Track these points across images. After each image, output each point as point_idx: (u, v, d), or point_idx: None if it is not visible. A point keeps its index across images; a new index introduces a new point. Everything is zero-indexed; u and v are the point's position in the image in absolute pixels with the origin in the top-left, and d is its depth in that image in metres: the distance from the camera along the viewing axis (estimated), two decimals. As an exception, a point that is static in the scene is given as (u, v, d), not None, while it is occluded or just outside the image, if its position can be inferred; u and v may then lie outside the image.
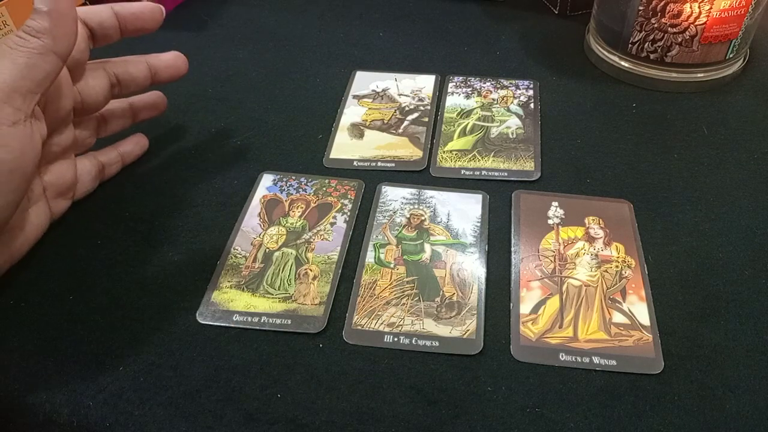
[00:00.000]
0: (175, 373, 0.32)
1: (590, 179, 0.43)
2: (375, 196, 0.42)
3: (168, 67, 0.41)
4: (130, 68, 0.39)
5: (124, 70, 0.39)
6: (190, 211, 0.41)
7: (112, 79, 0.39)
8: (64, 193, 0.38)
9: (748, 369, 0.32)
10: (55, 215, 0.38)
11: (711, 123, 0.47)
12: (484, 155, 0.45)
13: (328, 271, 0.37)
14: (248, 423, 0.30)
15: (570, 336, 0.33)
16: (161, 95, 0.44)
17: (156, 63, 0.40)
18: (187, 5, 0.63)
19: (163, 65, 0.41)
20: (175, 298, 0.35)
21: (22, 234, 0.34)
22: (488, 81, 0.52)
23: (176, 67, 0.41)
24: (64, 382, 0.31)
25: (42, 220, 0.36)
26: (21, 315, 0.35)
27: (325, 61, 0.55)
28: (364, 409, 0.30)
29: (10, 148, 0.29)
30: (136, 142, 0.44)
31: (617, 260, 0.37)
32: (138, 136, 0.44)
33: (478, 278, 0.36)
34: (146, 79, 0.40)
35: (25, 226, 0.34)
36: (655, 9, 0.46)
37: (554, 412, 0.30)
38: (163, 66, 0.41)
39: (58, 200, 0.37)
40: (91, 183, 0.40)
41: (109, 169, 0.42)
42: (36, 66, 0.29)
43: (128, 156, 0.43)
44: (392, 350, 0.33)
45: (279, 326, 0.34)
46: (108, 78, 0.38)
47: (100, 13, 0.36)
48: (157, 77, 0.41)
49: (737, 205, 0.41)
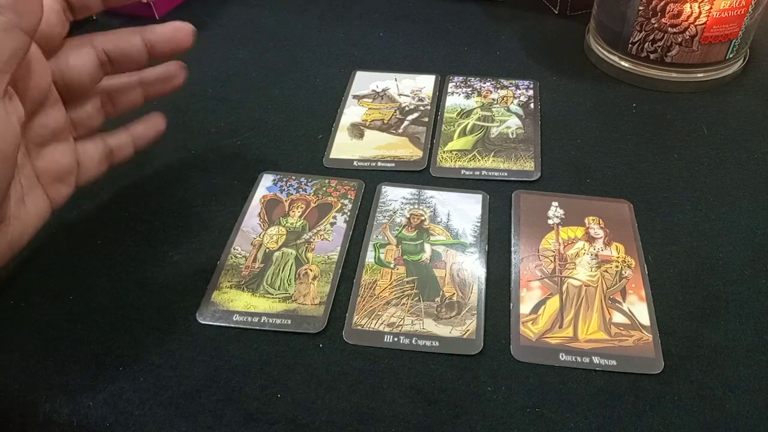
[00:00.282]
0: (175, 373, 0.32)
1: (590, 179, 0.43)
2: (375, 196, 0.42)
3: (166, 41, 0.36)
4: (120, 43, 0.35)
5: (114, 45, 0.35)
6: (190, 211, 0.41)
7: (101, 55, 0.35)
8: (62, 179, 0.35)
9: (748, 369, 0.32)
10: (56, 203, 0.35)
11: (711, 123, 0.47)
12: (484, 155, 0.45)
13: (328, 271, 0.37)
14: (248, 423, 0.30)
15: (570, 336, 0.33)
16: (180, 65, 0.39)
17: (152, 36, 0.36)
18: (187, 5, 0.63)
19: (161, 39, 0.36)
20: (175, 298, 0.35)
21: (19, 223, 0.32)
22: (488, 81, 0.52)
23: (176, 40, 0.37)
24: (64, 382, 0.31)
25: (41, 209, 0.33)
26: (21, 315, 0.35)
27: (325, 61, 0.55)
28: (364, 409, 0.30)
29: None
30: (150, 122, 0.40)
31: (617, 260, 0.37)
32: (154, 116, 0.40)
33: (478, 278, 0.36)
34: (141, 55, 0.36)
35: (21, 215, 0.32)
36: (655, 9, 0.46)
37: (554, 412, 0.30)
38: (160, 40, 0.36)
39: (56, 186, 0.34)
40: (97, 168, 0.37)
41: (119, 153, 0.38)
42: (1, 43, 0.27)
43: (141, 139, 0.39)
44: (392, 350, 0.33)
45: (279, 326, 0.34)
46: (95, 54, 0.34)
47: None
48: (154, 52, 0.36)
49: (737, 205, 0.41)
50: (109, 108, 0.38)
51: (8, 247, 0.31)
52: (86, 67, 0.34)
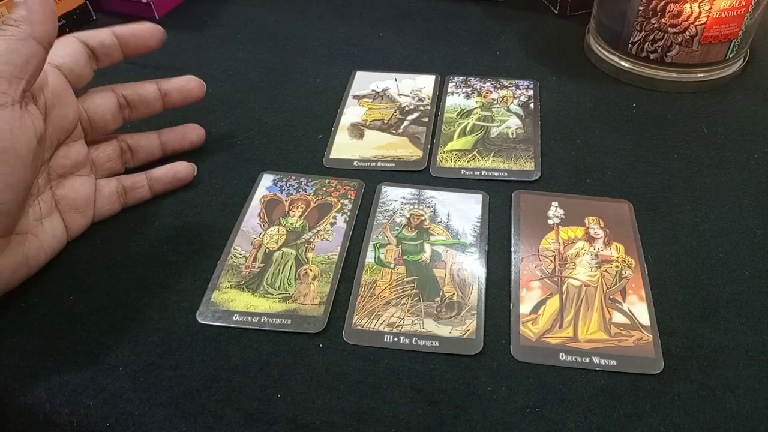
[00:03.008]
0: (175, 373, 0.32)
1: (590, 179, 0.43)
2: (375, 196, 0.42)
3: (179, 90, 0.42)
4: (138, 89, 0.40)
5: (132, 91, 0.40)
6: (190, 211, 0.41)
7: (121, 99, 0.40)
8: (79, 209, 0.38)
9: (748, 369, 0.32)
10: (72, 233, 0.38)
11: (711, 123, 0.47)
12: (484, 155, 0.45)
13: (328, 271, 0.37)
14: (248, 423, 0.30)
15: (570, 336, 0.33)
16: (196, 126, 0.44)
17: (166, 86, 0.41)
18: (187, 5, 0.63)
19: (174, 87, 0.42)
20: (175, 298, 0.35)
21: (36, 241, 0.35)
22: (488, 81, 0.52)
23: (188, 89, 0.42)
24: (64, 382, 0.31)
25: (58, 233, 0.37)
26: (21, 315, 0.35)
27: (325, 61, 0.55)
28: (364, 409, 0.30)
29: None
30: (172, 168, 0.42)
31: (617, 260, 0.37)
32: (179, 164, 0.42)
33: (478, 278, 0.36)
34: (157, 100, 0.41)
35: (39, 234, 0.35)
36: (655, 9, 0.46)
37: (554, 412, 0.30)
38: (173, 88, 0.42)
39: (73, 215, 0.38)
40: (110, 204, 0.39)
41: (133, 193, 0.40)
42: (16, 51, 0.31)
43: (158, 182, 0.41)
44: (392, 350, 0.33)
45: (279, 326, 0.34)
46: (116, 98, 0.40)
47: (100, 34, 0.38)
48: (168, 99, 0.42)
49: (737, 205, 0.41)
50: (128, 158, 0.42)
51: (24, 261, 0.34)
52: (108, 108, 0.39)
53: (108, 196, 0.39)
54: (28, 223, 0.35)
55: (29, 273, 0.35)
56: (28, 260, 0.34)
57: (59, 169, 0.37)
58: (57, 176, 0.37)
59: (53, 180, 0.37)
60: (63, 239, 0.37)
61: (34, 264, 0.35)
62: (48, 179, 0.37)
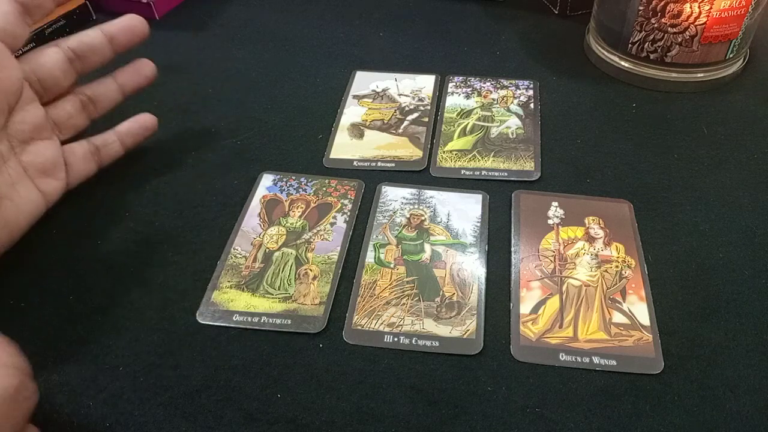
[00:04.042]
0: (175, 373, 0.32)
1: (590, 179, 0.43)
2: (375, 196, 0.42)
3: (123, 30, 0.40)
4: (83, 38, 0.39)
5: (77, 41, 0.39)
6: (190, 211, 0.41)
7: (68, 53, 0.38)
8: (49, 173, 0.37)
9: (748, 369, 0.32)
10: (49, 196, 0.38)
11: (711, 123, 0.47)
12: (484, 155, 0.45)
13: (328, 271, 0.37)
14: (248, 423, 0.30)
15: (570, 336, 0.33)
16: (146, 60, 0.43)
17: (110, 29, 0.40)
18: (187, 5, 0.63)
19: (118, 29, 0.40)
20: (175, 298, 0.35)
21: (13, 205, 0.35)
22: (488, 81, 0.52)
23: (131, 28, 0.40)
24: (64, 382, 0.31)
25: (34, 198, 0.36)
26: (21, 315, 0.35)
27: (325, 61, 0.55)
28: (364, 409, 0.30)
29: None
30: (137, 121, 0.42)
31: (617, 260, 0.37)
32: (142, 115, 0.43)
33: (478, 278, 0.36)
34: (104, 45, 0.39)
35: (14, 198, 0.35)
36: (655, 9, 0.46)
37: (554, 412, 0.30)
38: (117, 29, 0.40)
39: (45, 180, 0.37)
40: (85, 164, 0.40)
41: (106, 150, 0.41)
42: None
43: (127, 135, 0.42)
44: (392, 350, 0.33)
45: (279, 326, 0.34)
46: (62, 52, 0.38)
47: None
48: (116, 42, 0.40)
49: (737, 205, 0.41)
50: (91, 109, 0.41)
51: (4, 225, 0.34)
52: (55, 63, 0.38)
53: (82, 156, 0.39)
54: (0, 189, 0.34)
55: (12, 238, 0.35)
56: (9, 225, 0.34)
57: (19, 135, 0.36)
58: (19, 142, 0.36)
59: (16, 147, 0.36)
60: (40, 204, 0.37)
61: (15, 228, 0.35)
62: (11, 147, 0.36)
